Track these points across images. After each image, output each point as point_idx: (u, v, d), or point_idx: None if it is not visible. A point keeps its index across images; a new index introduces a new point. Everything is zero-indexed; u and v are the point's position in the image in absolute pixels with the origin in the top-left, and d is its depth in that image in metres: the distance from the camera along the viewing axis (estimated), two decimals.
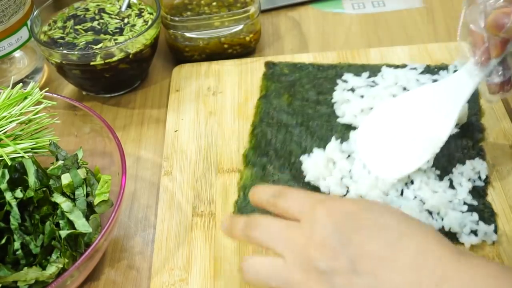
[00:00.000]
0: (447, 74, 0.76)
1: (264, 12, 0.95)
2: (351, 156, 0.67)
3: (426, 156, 0.63)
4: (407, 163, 0.64)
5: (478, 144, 0.69)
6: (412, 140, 0.65)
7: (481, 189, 0.64)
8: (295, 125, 0.73)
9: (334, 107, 0.75)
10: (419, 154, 0.64)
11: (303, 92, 0.77)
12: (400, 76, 0.75)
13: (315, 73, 0.80)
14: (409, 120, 0.66)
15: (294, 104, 0.76)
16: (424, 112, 0.66)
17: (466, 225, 0.60)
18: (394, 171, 0.64)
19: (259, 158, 0.70)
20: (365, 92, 0.74)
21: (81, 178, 0.61)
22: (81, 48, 0.78)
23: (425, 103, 0.66)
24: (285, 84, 0.79)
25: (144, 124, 0.80)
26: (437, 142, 0.63)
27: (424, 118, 0.65)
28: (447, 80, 0.66)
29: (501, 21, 0.55)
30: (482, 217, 0.61)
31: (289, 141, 0.71)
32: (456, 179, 0.65)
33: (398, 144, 0.66)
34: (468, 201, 0.63)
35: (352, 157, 0.67)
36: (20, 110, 0.64)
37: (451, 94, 0.64)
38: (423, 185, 0.63)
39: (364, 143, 0.68)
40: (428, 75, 0.76)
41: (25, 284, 0.55)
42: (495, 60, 0.59)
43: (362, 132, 0.69)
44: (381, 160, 0.65)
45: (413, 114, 0.67)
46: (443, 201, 0.61)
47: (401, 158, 0.65)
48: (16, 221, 0.56)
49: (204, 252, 0.63)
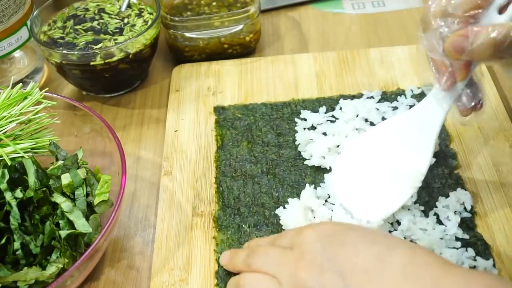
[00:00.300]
0: (405, 99, 0.75)
1: (264, 12, 0.95)
2: (328, 201, 0.65)
3: (409, 191, 0.61)
4: (390, 202, 0.61)
5: (454, 172, 0.67)
6: (391, 176, 0.62)
7: (469, 220, 0.63)
8: (261, 174, 0.69)
9: (299, 148, 0.71)
10: (401, 190, 0.61)
11: (262, 136, 0.73)
12: (359, 107, 0.74)
13: (269, 113, 0.76)
14: (384, 155, 0.63)
15: (255, 150, 0.71)
16: (397, 145, 0.63)
17: (464, 262, 0.59)
18: (378, 212, 0.61)
19: (231, 218, 0.65)
20: (327, 128, 0.72)
21: (81, 178, 0.61)
22: (81, 48, 0.78)
23: (397, 136, 0.63)
24: (241, 130, 0.74)
25: (144, 124, 0.80)
26: (417, 175, 0.61)
27: (399, 151, 0.62)
28: (415, 110, 0.63)
29: (460, 45, 0.51)
30: (477, 251, 0.60)
31: (258, 193, 0.67)
32: (442, 213, 0.63)
33: (376, 183, 0.62)
34: (459, 235, 0.61)
35: (329, 202, 0.65)
36: (20, 110, 0.64)
37: (423, 124, 0.61)
38: (411, 225, 0.61)
39: (340, 186, 0.64)
40: (387, 102, 0.75)
41: (25, 284, 0.55)
42: (461, 83, 0.57)
43: (337, 174, 0.65)
44: (362, 202, 0.62)
45: (387, 148, 0.63)
46: (435, 239, 0.60)
47: (383, 197, 0.62)
48: (16, 221, 0.56)
49: (204, 252, 0.62)
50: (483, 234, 0.61)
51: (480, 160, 0.68)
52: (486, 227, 0.62)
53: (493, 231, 0.62)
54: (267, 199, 0.67)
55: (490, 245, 0.60)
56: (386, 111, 0.74)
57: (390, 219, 0.63)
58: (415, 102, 0.74)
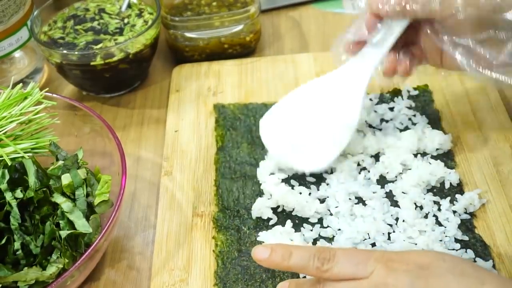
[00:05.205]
0: (402, 101, 0.75)
1: (264, 12, 0.95)
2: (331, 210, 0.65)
3: (344, 140, 0.67)
4: (327, 151, 0.67)
5: (454, 172, 0.66)
6: (325, 129, 0.67)
7: (468, 222, 0.62)
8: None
9: None
10: (337, 140, 0.67)
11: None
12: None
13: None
14: (316, 111, 0.68)
15: (255, 152, 0.71)
16: (329, 101, 0.68)
17: None
18: (318, 162, 0.66)
19: (230, 220, 0.64)
20: None
21: (81, 178, 0.61)
22: (81, 48, 0.77)
23: (327, 92, 0.68)
24: (241, 131, 0.74)
25: (144, 124, 0.80)
26: (350, 125, 0.66)
27: (330, 106, 0.68)
28: (344, 68, 0.68)
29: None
30: (477, 252, 0.60)
31: (258, 195, 0.66)
32: (442, 214, 0.63)
33: (312, 136, 0.68)
34: (458, 237, 0.61)
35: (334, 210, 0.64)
36: (20, 110, 0.64)
37: (352, 80, 0.67)
38: (410, 226, 0.61)
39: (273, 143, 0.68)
40: (384, 104, 0.75)
41: (25, 284, 0.55)
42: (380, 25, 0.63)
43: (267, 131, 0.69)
44: (300, 154, 0.67)
45: (318, 104, 0.68)
46: (434, 241, 0.60)
47: (320, 148, 0.67)
48: (16, 221, 0.56)
49: (204, 252, 0.62)
50: (483, 235, 0.61)
51: (480, 160, 0.68)
52: (487, 227, 0.62)
53: (493, 232, 0.61)
54: None
55: (489, 246, 0.60)
56: (383, 114, 0.74)
57: (389, 220, 0.63)
58: (411, 103, 0.75)
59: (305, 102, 0.69)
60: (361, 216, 0.63)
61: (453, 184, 0.66)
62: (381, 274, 0.47)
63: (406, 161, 0.67)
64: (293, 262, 0.50)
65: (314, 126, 0.68)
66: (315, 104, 0.69)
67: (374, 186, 0.66)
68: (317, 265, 0.49)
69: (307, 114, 0.69)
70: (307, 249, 0.51)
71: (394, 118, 0.73)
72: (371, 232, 0.61)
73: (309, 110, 0.69)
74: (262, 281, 0.59)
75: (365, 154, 0.69)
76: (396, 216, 0.63)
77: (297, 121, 0.69)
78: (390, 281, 0.46)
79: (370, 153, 0.69)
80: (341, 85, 0.68)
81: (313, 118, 0.68)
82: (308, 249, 0.51)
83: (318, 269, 0.49)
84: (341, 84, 0.68)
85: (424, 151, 0.69)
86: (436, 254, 0.49)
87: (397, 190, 0.65)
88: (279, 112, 0.70)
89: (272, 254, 0.51)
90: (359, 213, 0.63)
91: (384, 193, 0.66)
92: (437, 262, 0.47)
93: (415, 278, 0.46)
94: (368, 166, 0.68)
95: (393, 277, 0.47)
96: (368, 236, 0.61)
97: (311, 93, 0.70)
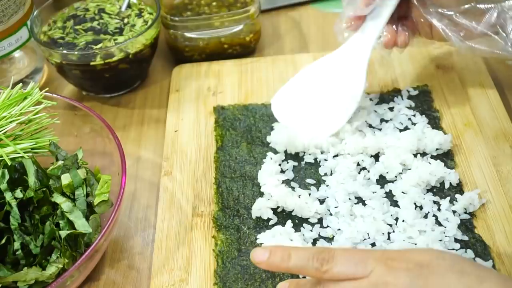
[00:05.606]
0: (402, 100, 0.75)
1: (264, 12, 0.95)
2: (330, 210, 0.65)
3: (351, 108, 0.70)
4: (335, 119, 0.71)
5: (454, 172, 0.66)
6: (332, 100, 0.72)
7: (468, 222, 0.62)
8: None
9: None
10: (344, 108, 0.71)
11: (262, 137, 0.73)
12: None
13: (269, 115, 0.74)
14: (323, 85, 0.73)
15: (254, 151, 0.71)
16: (335, 76, 0.73)
17: None
18: (326, 129, 0.70)
19: (230, 219, 0.65)
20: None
21: (81, 178, 0.61)
22: (81, 48, 0.78)
23: (333, 68, 0.73)
24: (241, 131, 0.74)
25: (144, 124, 0.80)
26: (356, 95, 0.70)
27: (337, 80, 0.72)
28: (346, 45, 0.72)
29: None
30: (477, 252, 0.60)
31: (257, 195, 0.66)
32: (441, 214, 0.63)
33: (320, 106, 0.72)
34: (458, 237, 0.61)
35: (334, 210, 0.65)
36: (20, 110, 0.64)
37: (355, 53, 0.71)
38: (410, 226, 0.61)
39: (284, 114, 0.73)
40: (384, 104, 0.75)
41: (25, 284, 0.55)
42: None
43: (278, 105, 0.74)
44: (309, 123, 0.71)
45: (325, 79, 0.73)
46: (434, 241, 0.60)
47: (328, 117, 0.71)
48: (16, 221, 0.56)
49: (204, 252, 0.62)
50: (483, 235, 0.61)
51: (480, 160, 0.68)
52: (486, 227, 0.62)
53: (493, 232, 0.62)
54: None
55: (489, 246, 0.60)
56: (383, 114, 0.74)
57: (389, 220, 0.63)
58: (411, 103, 0.75)
59: (314, 78, 0.74)
60: (361, 216, 0.63)
61: (453, 184, 0.66)
62: (380, 273, 0.47)
63: (405, 161, 0.67)
64: (292, 264, 0.50)
65: (323, 97, 0.72)
66: (323, 78, 0.73)
67: (374, 186, 0.66)
68: (317, 266, 0.49)
69: (316, 88, 0.73)
70: (306, 250, 0.51)
71: (394, 118, 0.73)
72: (371, 232, 0.61)
73: (318, 84, 0.73)
74: (262, 280, 0.59)
75: (364, 154, 0.69)
76: (396, 216, 0.63)
77: (307, 95, 0.73)
78: (390, 279, 0.46)
79: (370, 153, 0.69)
80: (346, 58, 0.72)
81: (322, 91, 0.73)
82: (307, 250, 0.51)
83: (317, 270, 0.49)
84: (346, 58, 0.72)
85: (424, 151, 0.69)
86: (436, 252, 0.49)
87: (397, 190, 0.65)
88: (289, 89, 0.74)
89: (271, 256, 0.50)
90: (359, 213, 0.63)
91: (384, 193, 0.66)
92: (437, 261, 0.47)
93: (415, 277, 0.46)
94: (368, 166, 0.68)
95: (392, 275, 0.47)
96: (368, 236, 0.61)
97: (319, 69, 0.74)
